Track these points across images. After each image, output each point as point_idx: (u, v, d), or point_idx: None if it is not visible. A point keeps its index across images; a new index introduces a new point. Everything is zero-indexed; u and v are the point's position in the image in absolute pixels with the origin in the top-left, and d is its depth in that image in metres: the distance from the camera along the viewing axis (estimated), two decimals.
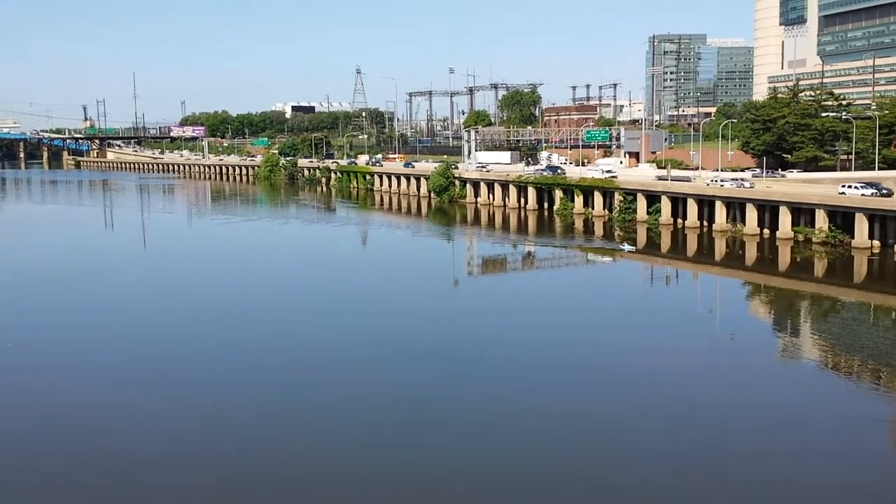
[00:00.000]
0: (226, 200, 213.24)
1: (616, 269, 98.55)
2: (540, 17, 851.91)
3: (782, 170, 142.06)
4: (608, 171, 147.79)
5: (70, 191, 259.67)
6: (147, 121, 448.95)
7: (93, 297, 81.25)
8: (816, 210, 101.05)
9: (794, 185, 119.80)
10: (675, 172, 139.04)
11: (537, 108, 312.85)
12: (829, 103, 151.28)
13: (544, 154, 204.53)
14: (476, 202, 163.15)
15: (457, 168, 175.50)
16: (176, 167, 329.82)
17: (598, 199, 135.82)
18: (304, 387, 50.72)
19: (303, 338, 63.34)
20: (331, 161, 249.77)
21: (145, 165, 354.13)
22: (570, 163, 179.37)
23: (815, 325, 70.31)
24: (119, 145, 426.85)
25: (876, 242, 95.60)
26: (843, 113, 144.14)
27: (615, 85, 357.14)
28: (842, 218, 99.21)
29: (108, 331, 66.38)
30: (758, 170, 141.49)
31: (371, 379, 51.95)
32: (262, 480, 37.81)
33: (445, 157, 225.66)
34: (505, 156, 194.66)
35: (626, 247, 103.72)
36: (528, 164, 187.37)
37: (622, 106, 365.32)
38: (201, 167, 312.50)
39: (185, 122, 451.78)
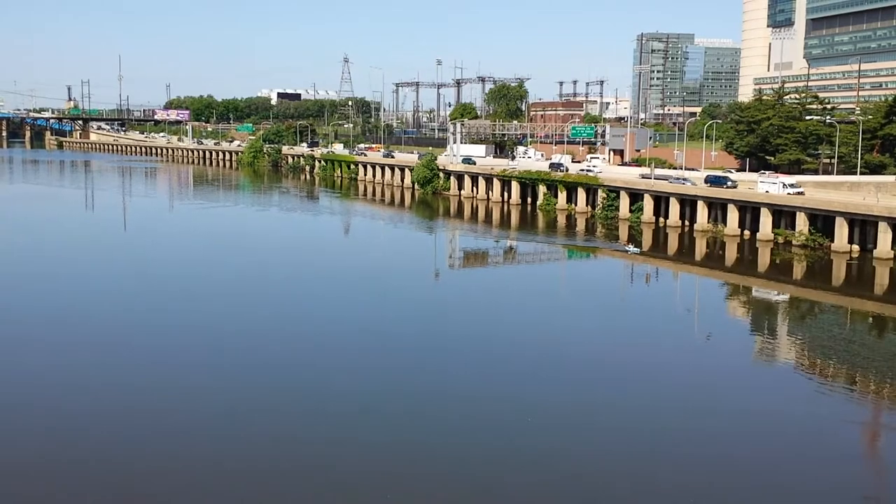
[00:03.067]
0: (207, 186, 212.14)
1: (596, 267, 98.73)
2: (529, 11, 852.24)
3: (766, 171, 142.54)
4: (587, 169, 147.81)
5: (51, 171, 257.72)
6: (131, 103, 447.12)
7: (67, 279, 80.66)
8: (797, 213, 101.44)
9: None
10: (660, 171, 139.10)
11: (524, 103, 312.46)
12: (814, 107, 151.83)
13: (521, 149, 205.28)
14: (460, 195, 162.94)
15: (436, 160, 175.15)
16: (158, 150, 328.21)
17: (581, 195, 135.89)
18: (271, 372, 50.51)
19: (275, 326, 63.00)
20: (306, 149, 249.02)
21: (127, 147, 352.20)
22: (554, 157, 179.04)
23: (793, 328, 70.59)
24: (102, 126, 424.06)
25: (855, 247, 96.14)
26: (828, 117, 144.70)
27: (602, 82, 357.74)
28: (822, 221, 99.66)
29: (77, 312, 65.98)
30: (732, 170, 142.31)
31: (345, 367, 51.83)
32: (233, 468, 37.66)
33: (430, 148, 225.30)
34: (480, 149, 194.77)
35: (631, 248, 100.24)
36: (512, 158, 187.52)
37: (608, 103, 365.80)
38: (183, 151, 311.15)
39: (169, 106, 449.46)
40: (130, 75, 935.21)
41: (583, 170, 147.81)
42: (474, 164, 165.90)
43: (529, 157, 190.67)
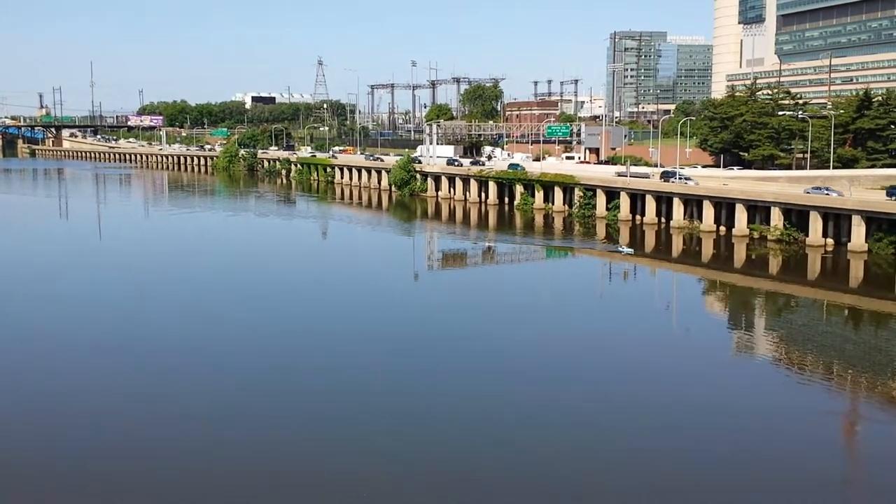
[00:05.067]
0: (182, 192, 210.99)
1: (575, 264, 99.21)
2: (503, 11, 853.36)
3: (740, 167, 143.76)
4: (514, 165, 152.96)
5: (24, 179, 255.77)
6: (104, 109, 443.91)
7: (42, 287, 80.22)
8: (772, 208, 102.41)
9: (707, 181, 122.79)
10: (636, 169, 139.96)
11: (499, 103, 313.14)
12: (786, 102, 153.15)
13: (487, 149, 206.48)
14: (437, 196, 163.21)
15: (382, 160, 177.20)
16: (132, 157, 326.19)
17: (558, 194, 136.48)
18: (245, 376, 50.55)
19: (251, 330, 62.96)
20: (276, 152, 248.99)
21: (101, 154, 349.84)
22: (528, 157, 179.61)
23: (770, 322, 71.35)
24: (75, 134, 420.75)
25: (829, 240, 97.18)
26: (800, 112, 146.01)
27: (576, 81, 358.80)
28: (796, 216, 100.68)
29: (51, 320, 65.73)
30: (698, 166, 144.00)
31: (322, 369, 51.95)
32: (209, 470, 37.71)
33: (407, 150, 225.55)
34: (449, 150, 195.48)
35: (625, 249, 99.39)
36: (474, 162, 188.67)
37: (583, 102, 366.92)
38: (158, 157, 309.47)
39: (143, 112, 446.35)
40: (103, 81, 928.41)
41: (511, 165, 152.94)
42: (461, 165, 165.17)
43: (496, 158, 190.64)
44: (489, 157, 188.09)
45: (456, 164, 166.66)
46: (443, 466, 38.76)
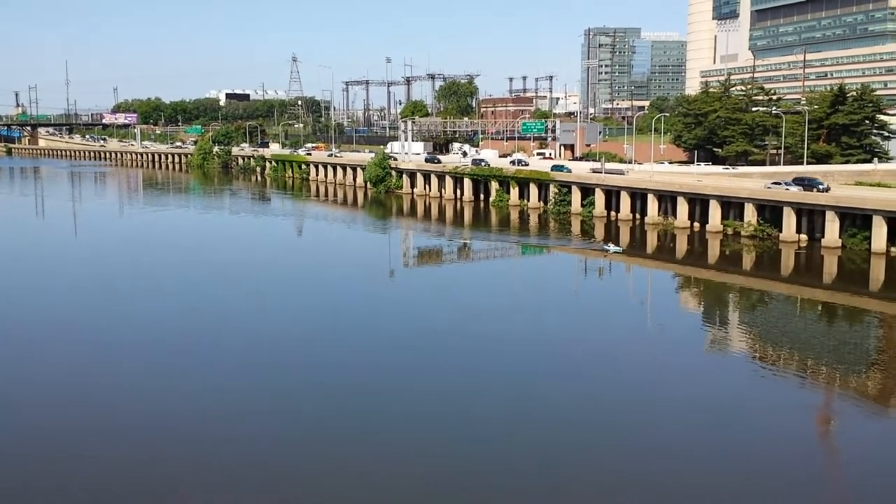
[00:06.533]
0: (157, 189, 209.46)
1: (550, 261, 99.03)
2: (477, 8, 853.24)
3: (714, 163, 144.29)
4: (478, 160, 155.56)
5: (0, 178, 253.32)
6: (79, 107, 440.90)
7: (17, 278, 79.19)
8: (745, 204, 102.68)
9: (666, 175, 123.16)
10: (609, 166, 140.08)
11: (474, 99, 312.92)
12: (760, 98, 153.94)
13: (456, 145, 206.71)
14: (413, 193, 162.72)
15: (339, 156, 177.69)
16: (107, 154, 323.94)
17: (533, 191, 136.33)
18: (218, 375, 49.99)
19: (224, 327, 62.35)
20: (249, 149, 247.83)
21: (77, 153, 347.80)
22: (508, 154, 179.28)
23: (743, 317, 71.40)
24: (49, 132, 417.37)
25: (803, 236, 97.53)
26: (774, 108, 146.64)
27: (551, 77, 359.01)
28: (770, 212, 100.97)
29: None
30: (665, 162, 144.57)
31: (295, 365, 51.48)
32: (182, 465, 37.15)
33: (382, 147, 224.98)
34: (419, 146, 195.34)
35: (612, 247, 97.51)
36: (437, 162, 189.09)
37: (558, 98, 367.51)
38: (133, 154, 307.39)
39: (117, 109, 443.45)
40: (78, 79, 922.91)
41: (475, 160, 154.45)
42: (440, 163, 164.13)
43: (470, 155, 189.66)
44: (464, 154, 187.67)
45: (436, 161, 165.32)
46: (420, 461, 38.37)
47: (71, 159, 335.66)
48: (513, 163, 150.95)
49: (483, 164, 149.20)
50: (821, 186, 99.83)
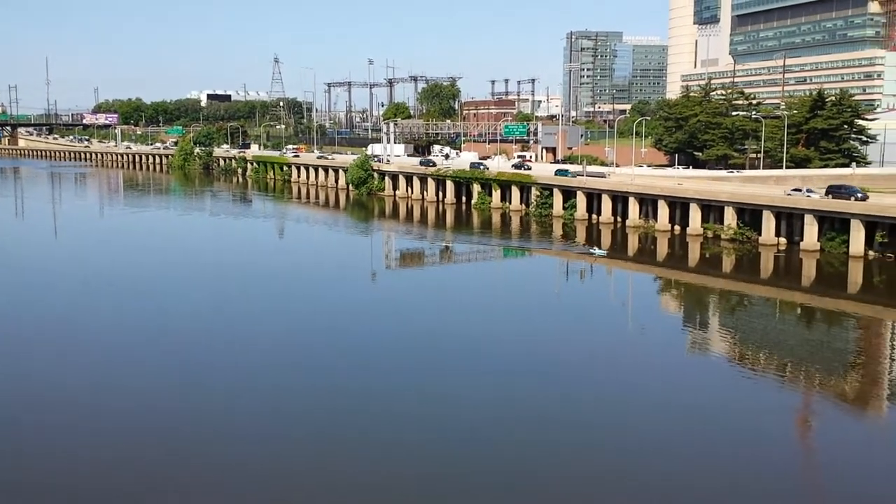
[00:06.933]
0: (137, 191, 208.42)
1: (531, 263, 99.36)
2: (460, 10, 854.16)
3: (695, 167, 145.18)
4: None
5: None
6: (60, 107, 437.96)
7: None
8: (725, 207, 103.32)
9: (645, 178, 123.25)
10: (590, 168, 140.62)
11: (456, 102, 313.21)
12: (740, 102, 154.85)
13: (436, 148, 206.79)
14: (395, 195, 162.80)
15: (332, 158, 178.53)
16: (88, 155, 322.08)
17: (515, 193, 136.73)
18: (194, 375, 50.03)
19: (207, 330, 62.32)
20: (228, 150, 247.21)
21: (57, 153, 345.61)
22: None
23: (723, 319, 71.96)
24: (30, 132, 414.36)
25: (782, 239, 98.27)
26: (753, 112, 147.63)
27: (533, 80, 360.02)
28: (749, 215, 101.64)
29: None
30: (644, 166, 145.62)
31: (276, 366, 51.56)
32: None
33: (364, 149, 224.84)
34: (399, 148, 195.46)
35: (597, 251, 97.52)
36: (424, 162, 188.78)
37: (540, 101, 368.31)
38: (114, 155, 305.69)
39: (98, 110, 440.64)
40: (58, 78, 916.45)
41: (472, 164, 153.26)
42: (434, 165, 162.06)
43: (453, 157, 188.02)
44: (447, 157, 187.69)
45: (430, 164, 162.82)
46: (402, 461, 38.56)
47: (51, 160, 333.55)
48: (480, 165, 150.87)
49: (482, 167, 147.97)
50: (858, 195, 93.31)
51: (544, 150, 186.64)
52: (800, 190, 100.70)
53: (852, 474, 39.04)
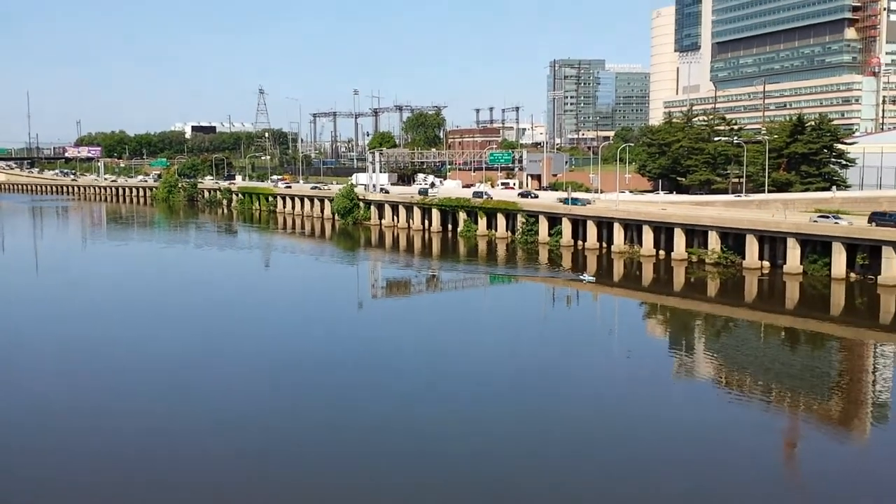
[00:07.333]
0: (121, 224, 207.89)
1: (519, 290, 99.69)
2: (444, 40, 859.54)
3: (678, 192, 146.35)
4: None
5: None
6: (42, 141, 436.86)
7: None
8: (709, 232, 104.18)
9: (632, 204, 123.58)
10: (576, 195, 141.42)
11: (441, 130, 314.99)
12: (722, 128, 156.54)
13: (420, 176, 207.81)
14: (381, 224, 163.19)
15: (328, 188, 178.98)
16: (70, 189, 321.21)
17: (500, 221, 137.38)
18: (186, 403, 50.05)
19: (194, 360, 62.33)
20: (212, 182, 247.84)
21: (39, 187, 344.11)
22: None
23: (708, 343, 72.46)
24: (10, 166, 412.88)
25: (766, 263, 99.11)
26: (735, 137, 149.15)
27: (517, 108, 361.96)
28: (733, 239, 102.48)
29: None
30: (626, 192, 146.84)
31: (264, 397, 51.63)
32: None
33: (349, 178, 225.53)
34: (384, 177, 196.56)
35: (586, 277, 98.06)
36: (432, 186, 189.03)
37: (524, 129, 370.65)
38: (96, 188, 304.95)
39: (80, 143, 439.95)
40: (39, 112, 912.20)
41: (475, 193, 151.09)
42: (428, 194, 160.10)
43: (438, 185, 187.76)
44: (432, 185, 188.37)
45: (426, 193, 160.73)
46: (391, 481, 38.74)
47: (33, 193, 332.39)
48: (483, 194, 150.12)
49: (485, 196, 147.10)
50: None
51: (529, 178, 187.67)
52: (827, 217, 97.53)
53: (835, 493, 39.39)
